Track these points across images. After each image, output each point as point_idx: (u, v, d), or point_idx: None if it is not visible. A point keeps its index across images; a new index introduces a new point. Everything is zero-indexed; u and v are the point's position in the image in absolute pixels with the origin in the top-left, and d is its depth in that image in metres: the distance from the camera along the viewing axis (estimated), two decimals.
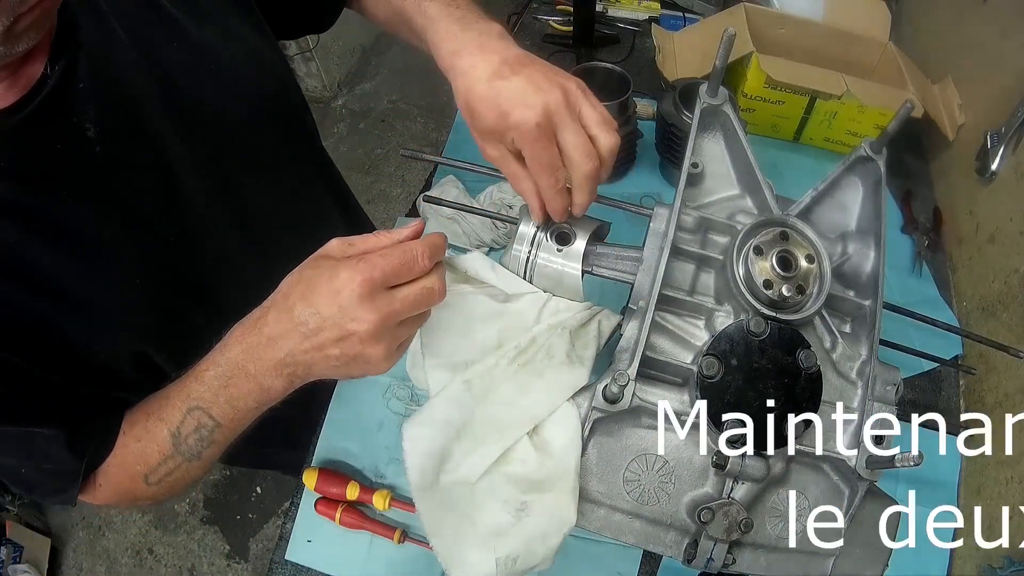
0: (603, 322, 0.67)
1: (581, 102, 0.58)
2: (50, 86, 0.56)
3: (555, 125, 0.56)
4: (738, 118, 0.66)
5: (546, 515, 0.58)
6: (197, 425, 0.60)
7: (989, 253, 1.06)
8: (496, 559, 0.58)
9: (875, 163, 0.64)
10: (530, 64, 0.59)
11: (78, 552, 2.14)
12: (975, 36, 1.22)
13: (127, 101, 0.63)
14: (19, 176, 0.55)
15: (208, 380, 0.59)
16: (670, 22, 1.51)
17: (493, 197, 1.12)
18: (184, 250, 0.70)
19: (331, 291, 0.53)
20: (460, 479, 0.60)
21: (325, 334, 0.53)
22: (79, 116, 0.58)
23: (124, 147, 0.62)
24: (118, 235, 0.63)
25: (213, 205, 0.73)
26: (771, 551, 0.61)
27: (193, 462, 0.63)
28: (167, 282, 0.69)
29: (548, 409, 0.60)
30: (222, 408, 0.59)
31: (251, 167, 0.77)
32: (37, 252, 0.57)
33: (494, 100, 0.57)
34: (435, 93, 3.00)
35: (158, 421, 0.62)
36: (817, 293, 0.59)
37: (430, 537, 0.60)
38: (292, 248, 0.86)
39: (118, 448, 0.65)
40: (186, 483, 0.67)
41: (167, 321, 0.70)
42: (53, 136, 0.57)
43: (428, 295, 0.55)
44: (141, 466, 0.64)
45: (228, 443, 0.64)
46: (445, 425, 0.61)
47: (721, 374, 0.56)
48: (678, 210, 0.62)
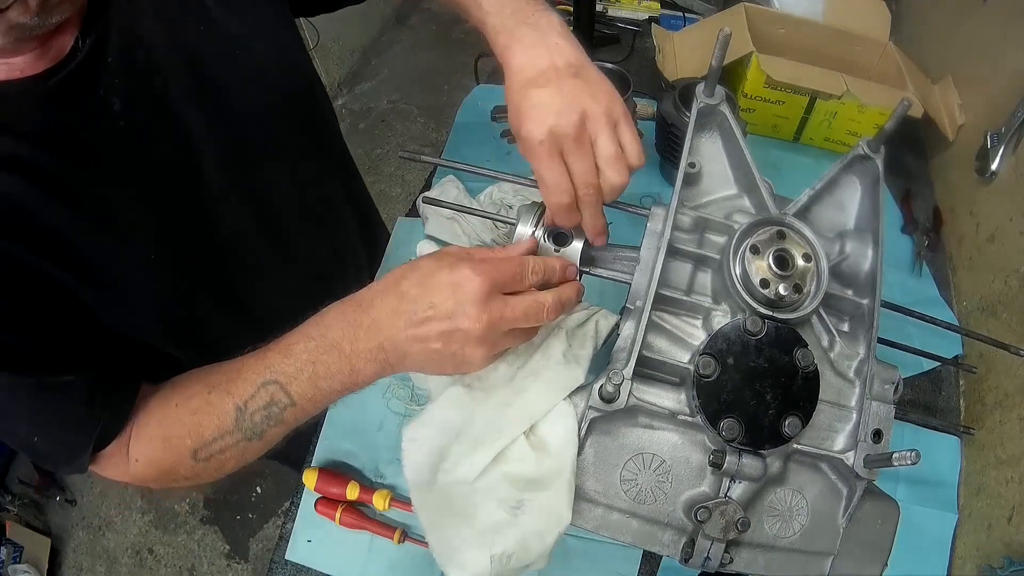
0: (600, 322, 0.68)
1: (601, 131, 0.57)
2: (79, 59, 0.58)
3: (560, 148, 0.57)
4: (735, 117, 0.66)
5: (542, 513, 0.58)
6: (269, 401, 0.58)
7: (989, 253, 1.06)
8: (491, 556, 0.58)
9: (873, 161, 0.64)
10: (569, 77, 0.57)
11: (78, 552, 2.14)
12: (975, 36, 1.22)
13: (153, 79, 0.64)
14: (44, 142, 0.56)
15: (296, 353, 0.57)
16: (670, 22, 1.51)
17: (493, 197, 1.12)
18: (199, 229, 0.71)
19: (451, 284, 0.53)
20: (458, 478, 0.60)
21: (434, 325, 0.53)
22: (106, 89, 0.59)
23: (147, 123, 0.63)
24: (136, 207, 0.63)
25: (231, 189, 0.73)
26: (769, 550, 0.61)
27: (252, 442, 0.61)
28: (180, 258, 0.69)
29: (544, 408, 0.60)
30: (302, 386, 0.57)
31: (270, 156, 0.77)
32: (55, 216, 0.58)
33: (518, 106, 0.58)
34: (435, 93, 3.01)
35: (224, 394, 0.60)
36: (814, 292, 0.59)
37: (427, 533, 0.60)
38: (305, 239, 0.89)
39: (166, 420, 0.63)
40: (234, 465, 0.64)
41: (176, 298, 0.71)
42: (79, 107, 0.58)
43: (538, 309, 0.56)
44: (192, 440, 0.61)
45: (294, 427, 0.62)
46: (444, 426, 0.61)
47: (717, 373, 0.56)
48: (674, 210, 0.62)
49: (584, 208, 0.60)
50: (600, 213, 0.61)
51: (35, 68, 0.56)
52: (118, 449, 0.64)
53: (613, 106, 0.57)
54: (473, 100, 1.37)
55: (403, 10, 3.46)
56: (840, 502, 0.61)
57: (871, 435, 0.59)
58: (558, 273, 0.60)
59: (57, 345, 0.60)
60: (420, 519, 0.60)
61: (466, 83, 1.49)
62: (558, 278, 0.60)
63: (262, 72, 0.73)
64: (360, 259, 1.10)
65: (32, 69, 0.56)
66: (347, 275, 1.04)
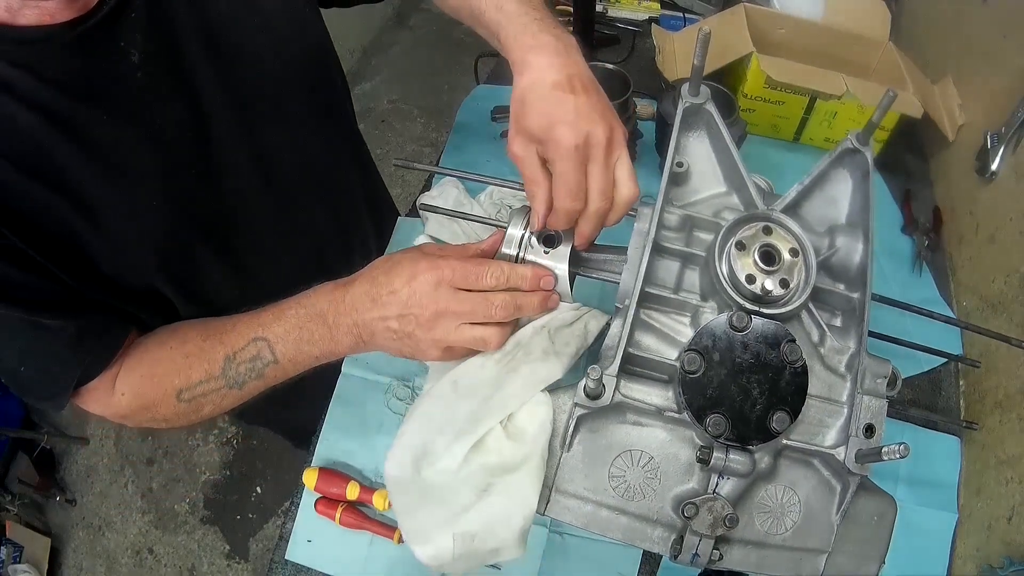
0: (590, 323, 0.68)
1: (619, 148, 0.61)
2: (106, 11, 0.60)
3: (588, 156, 0.60)
4: (720, 116, 0.66)
5: (506, 495, 0.58)
6: (255, 355, 0.66)
7: (989, 253, 1.05)
8: (453, 534, 0.58)
9: (862, 155, 0.64)
10: (593, 91, 0.61)
11: (78, 552, 2.15)
12: (975, 36, 1.21)
13: (172, 36, 0.66)
14: (65, 86, 0.59)
15: (287, 318, 0.65)
16: (670, 22, 1.51)
17: (493, 197, 1.12)
18: (204, 184, 0.73)
19: (410, 274, 0.61)
20: (440, 470, 0.60)
21: (392, 308, 0.61)
22: (127, 41, 0.63)
23: (163, 78, 0.66)
24: (144, 157, 0.66)
25: (238, 148, 0.76)
26: (761, 547, 0.60)
27: (232, 390, 0.68)
28: (184, 209, 0.72)
29: (521, 400, 0.61)
30: (287, 347, 0.65)
31: (279, 121, 0.80)
32: (68, 157, 0.61)
33: (549, 107, 0.60)
34: (435, 93, 3.02)
35: (216, 343, 0.67)
36: (802, 287, 0.59)
37: (400, 517, 0.62)
38: (308, 204, 0.93)
39: (159, 359, 0.69)
40: (209, 412, 0.70)
41: (178, 249, 0.74)
42: (101, 56, 0.61)
43: (487, 307, 0.61)
44: (179, 380, 0.68)
45: (271, 384, 0.69)
46: (427, 420, 0.62)
47: (703, 369, 0.56)
48: (660, 209, 0.62)
49: (591, 217, 0.62)
50: (600, 224, 0.63)
51: (64, 15, 0.58)
52: (103, 383, 0.69)
53: (623, 129, 0.62)
54: (473, 100, 1.37)
55: (403, 10, 3.47)
56: (833, 498, 0.61)
57: (863, 430, 0.58)
58: (529, 281, 0.63)
59: (55, 286, 0.63)
60: (395, 505, 0.63)
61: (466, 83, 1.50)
62: (528, 286, 0.63)
63: (277, 36, 0.76)
64: (368, 243, 1.12)
65: (62, 16, 0.58)
66: (353, 257, 1.06)
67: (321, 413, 0.97)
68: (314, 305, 0.65)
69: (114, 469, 2.28)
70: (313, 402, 0.98)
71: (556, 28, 0.65)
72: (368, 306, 0.62)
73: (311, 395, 0.97)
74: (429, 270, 0.61)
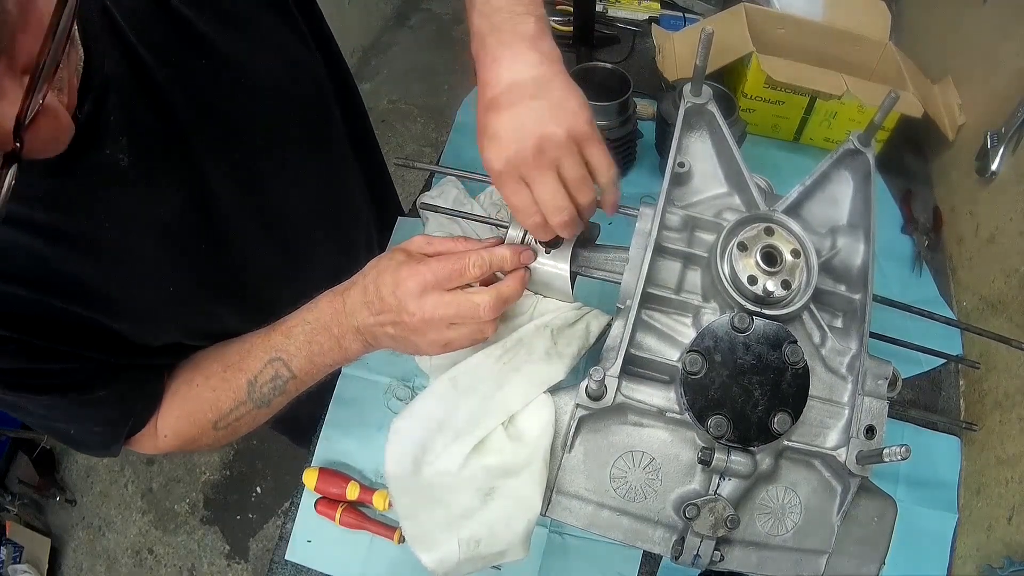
0: (592, 323, 0.68)
1: (563, 154, 0.56)
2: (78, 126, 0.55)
3: (555, 160, 0.56)
4: (722, 116, 0.66)
5: (510, 498, 0.59)
6: (274, 374, 0.69)
7: (989, 253, 1.05)
8: (459, 540, 0.59)
9: (864, 156, 0.64)
10: (528, 98, 0.56)
11: (78, 552, 2.15)
12: (975, 36, 1.21)
13: (158, 124, 0.62)
14: (56, 205, 0.57)
15: (295, 335, 0.68)
16: (670, 22, 1.51)
17: (493, 197, 1.12)
18: (214, 252, 0.72)
19: (393, 282, 0.61)
20: (440, 470, 0.60)
21: (385, 315, 0.62)
22: (112, 147, 0.59)
23: (157, 169, 0.63)
24: (151, 250, 0.65)
25: (243, 212, 0.74)
26: (762, 548, 0.60)
27: (261, 409, 0.71)
28: (197, 284, 0.72)
29: (523, 401, 0.61)
30: (301, 362, 0.68)
31: (279, 169, 0.78)
32: (78, 267, 0.60)
33: (480, 132, 0.58)
34: (435, 93, 3.01)
35: (237, 371, 0.70)
36: (804, 288, 0.59)
37: (402, 520, 0.61)
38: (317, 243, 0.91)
39: (188, 398, 0.72)
40: (246, 430, 0.74)
41: (199, 315, 0.74)
42: (87, 170, 0.58)
43: (473, 309, 0.60)
44: (212, 413, 0.71)
45: (295, 395, 0.72)
46: (427, 419, 0.62)
47: (705, 370, 0.56)
48: (661, 209, 0.62)
49: (557, 230, 0.60)
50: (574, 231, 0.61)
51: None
52: (148, 429, 0.72)
53: (576, 124, 0.56)
54: (473, 100, 1.37)
55: (403, 10, 3.46)
56: (834, 499, 0.61)
57: (864, 431, 0.58)
58: (509, 261, 0.63)
59: (90, 366, 0.65)
60: (397, 507, 0.63)
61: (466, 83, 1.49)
62: (511, 265, 0.63)
63: (267, 88, 0.72)
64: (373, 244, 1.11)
65: None
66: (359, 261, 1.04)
67: (321, 413, 0.97)
68: (318, 319, 0.67)
69: (114, 469, 2.27)
70: (313, 402, 0.98)
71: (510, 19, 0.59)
72: (365, 313, 0.64)
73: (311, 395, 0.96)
74: (411, 277, 0.60)
